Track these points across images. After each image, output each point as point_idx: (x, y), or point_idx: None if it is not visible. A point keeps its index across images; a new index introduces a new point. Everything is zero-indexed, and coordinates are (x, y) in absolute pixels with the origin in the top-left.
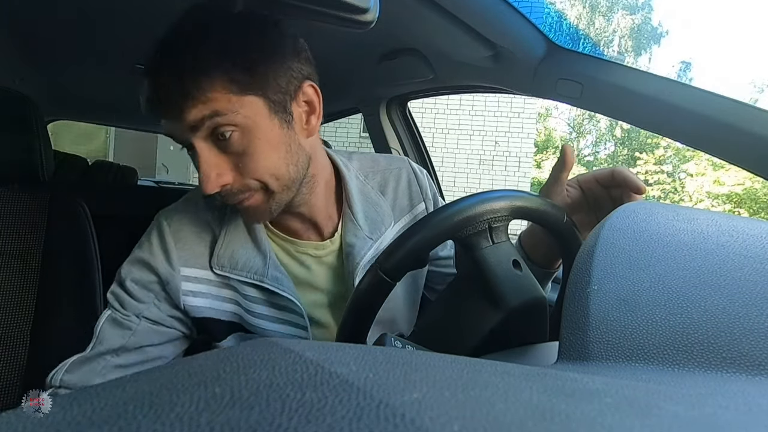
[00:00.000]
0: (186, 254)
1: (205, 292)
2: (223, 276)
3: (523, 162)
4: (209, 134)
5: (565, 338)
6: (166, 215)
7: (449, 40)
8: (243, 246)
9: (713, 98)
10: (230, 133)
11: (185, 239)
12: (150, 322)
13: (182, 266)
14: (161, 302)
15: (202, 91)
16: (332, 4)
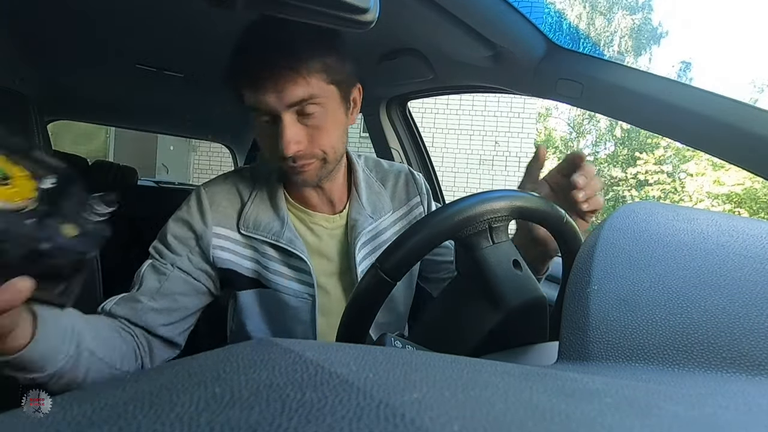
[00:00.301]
0: (218, 216)
1: (231, 249)
2: (247, 236)
3: (523, 162)
4: (297, 109)
5: (565, 338)
6: (205, 185)
7: (449, 40)
8: (265, 212)
9: (713, 98)
10: (314, 112)
11: (219, 203)
12: (182, 272)
13: (215, 225)
14: (194, 256)
15: (308, 73)
16: (332, 4)
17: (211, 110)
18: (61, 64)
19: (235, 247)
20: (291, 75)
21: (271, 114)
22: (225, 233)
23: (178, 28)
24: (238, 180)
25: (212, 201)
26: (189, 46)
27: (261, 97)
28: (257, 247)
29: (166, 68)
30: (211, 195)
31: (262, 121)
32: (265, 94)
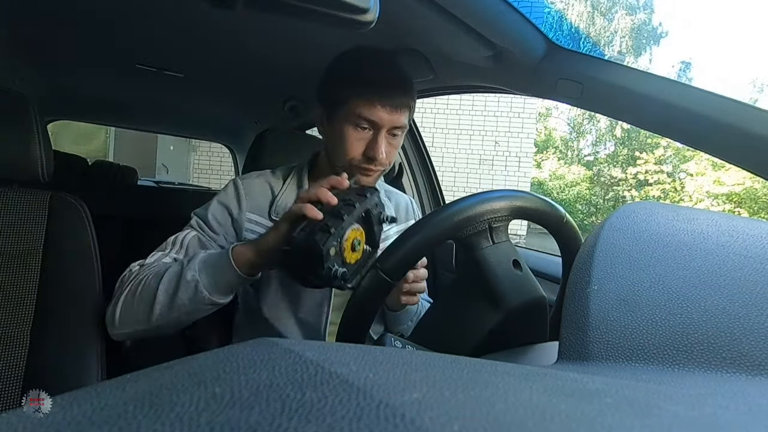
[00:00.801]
0: (252, 203)
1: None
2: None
3: (523, 162)
4: (392, 130)
5: (565, 338)
6: (241, 177)
7: (449, 40)
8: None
9: (713, 98)
10: (398, 136)
11: (253, 192)
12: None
13: (248, 211)
14: (229, 237)
15: (410, 109)
16: (332, 4)
17: (211, 110)
18: (61, 64)
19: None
20: (406, 105)
21: (374, 127)
22: (256, 219)
23: (178, 28)
24: (270, 177)
25: (247, 190)
26: (189, 46)
27: (376, 112)
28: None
29: (166, 68)
30: (246, 185)
31: (360, 128)
32: (381, 110)
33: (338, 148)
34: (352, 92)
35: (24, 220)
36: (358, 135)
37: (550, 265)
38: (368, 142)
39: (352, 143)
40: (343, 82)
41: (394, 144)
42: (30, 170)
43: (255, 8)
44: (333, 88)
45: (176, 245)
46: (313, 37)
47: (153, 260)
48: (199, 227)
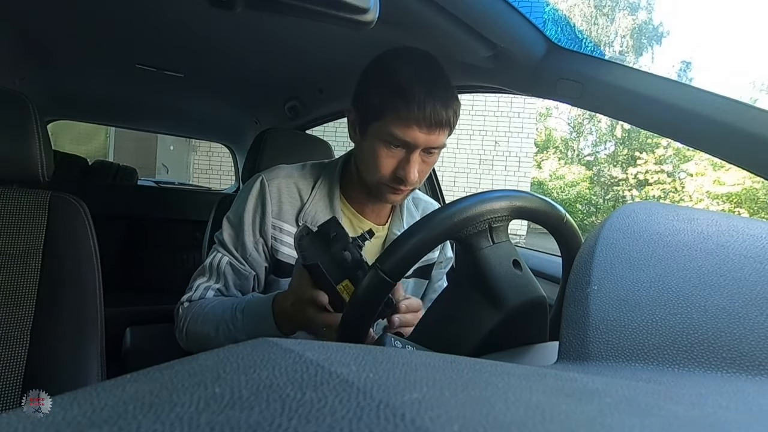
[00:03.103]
0: (278, 209)
1: (288, 241)
2: None
3: (523, 162)
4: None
5: (565, 338)
6: (268, 178)
7: (449, 40)
8: (323, 211)
9: (713, 98)
10: (434, 155)
11: (280, 199)
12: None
13: (274, 218)
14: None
15: (451, 126)
16: (332, 4)
17: (211, 110)
18: (61, 64)
19: (290, 240)
20: (444, 125)
21: (408, 147)
22: (281, 225)
23: (178, 28)
24: (299, 178)
25: (273, 194)
26: (189, 46)
27: (411, 132)
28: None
29: (166, 68)
30: (273, 188)
31: (393, 146)
32: (417, 131)
33: (368, 163)
34: (387, 107)
35: (24, 220)
36: (390, 153)
37: (550, 265)
38: (400, 161)
39: (382, 162)
40: (379, 94)
41: (429, 162)
42: (30, 170)
43: (255, 8)
44: (367, 96)
45: (213, 273)
46: (313, 38)
47: (198, 294)
48: (229, 252)
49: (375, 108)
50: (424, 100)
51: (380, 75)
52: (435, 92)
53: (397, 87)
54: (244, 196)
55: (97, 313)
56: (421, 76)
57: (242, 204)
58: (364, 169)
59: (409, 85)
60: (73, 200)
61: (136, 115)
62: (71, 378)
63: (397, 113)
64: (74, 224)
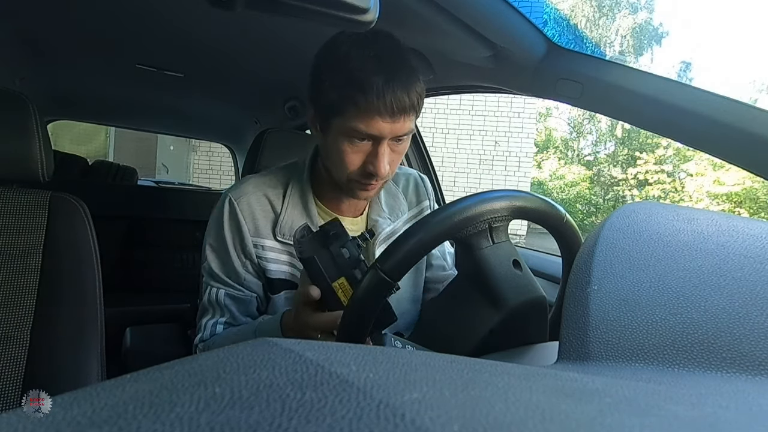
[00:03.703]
0: (253, 226)
1: (272, 258)
2: (284, 243)
3: (523, 162)
4: (395, 138)
5: (565, 338)
6: (235, 196)
7: (449, 40)
8: (299, 219)
9: (713, 98)
10: (403, 142)
11: (252, 215)
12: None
13: (253, 236)
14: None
15: (417, 109)
16: (332, 4)
17: (211, 110)
18: (62, 64)
19: (273, 255)
20: (408, 111)
21: (374, 139)
22: (262, 243)
23: (178, 28)
24: (268, 188)
25: (245, 213)
26: (189, 46)
27: (375, 124)
28: (293, 252)
29: (166, 68)
30: (243, 206)
31: (357, 140)
32: (380, 122)
33: (334, 160)
34: (345, 101)
35: (24, 220)
36: (356, 148)
37: (550, 265)
38: (368, 154)
39: (349, 158)
40: (335, 87)
41: (398, 150)
42: (30, 170)
43: (255, 8)
44: (323, 91)
45: (216, 308)
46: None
47: (208, 333)
48: (223, 283)
49: (333, 103)
50: (384, 89)
51: (333, 66)
52: (394, 78)
53: (352, 78)
54: (218, 222)
55: (97, 313)
56: (378, 62)
57: (219, 230)
58: (331, 167)
59: (366, 75)
60: (73, 200)
61: (136, 115)
62: (71, 378)
63: (357, 106)
64: (74, 224)
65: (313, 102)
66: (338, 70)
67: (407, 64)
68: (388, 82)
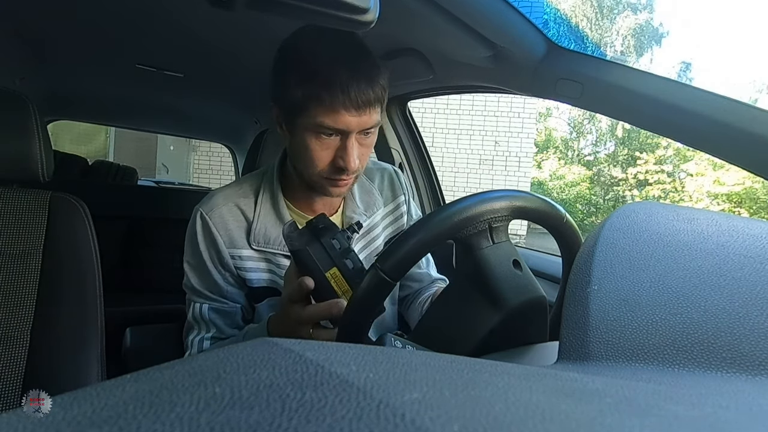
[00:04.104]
0: (227, 238)
1: (250, 267)
2: (260, 250)
3: (523, 162)
4: (362, 132)
5: (565, 338)
6: (206, 210)
7: (449, 40)
8: (273, 225)
9: (713, 98)
10: (371, 135)
11: (225, 226)
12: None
13: (228, 247)
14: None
15: (382, 101)
16: (332, 4)
17: (211, 110)
18: (62, 64)
19: (252, 264)
20: (374, 103)
21: (341, 133)
22: (239, 253)
23: (178, 28)
24: (238, 197)
25: (218, 225)
26: (189, 46)
27: (341, 119)
28: (271, 259)
29: (166, 68)
30: (215, 219)
31: (325, 136)
32: (346, 116)
33: (302, 159)
34: (309, 98)
35: (24, 220)
36: (324, 144)
37: (550, 265)
38: (336, 150)
39: (317, 155)
40: (297, 84)
41: (367, 143)
42: (30, 170)
43: (255, 8)
44: (286, 89)
45: (201, 324)
46: None
47: (195, 349)
48: (205, 297)
49: (297, 101)
50: (347, 83)
51: (295, 63)
52: (357, 71)
53: (314, 74)
54: (193, 238)
55: (97, 313)
56: (340, 57)
57: (194, 246)
58: (300, 167)
59: (328, 69)
60: (73, 200)
61: (136, 115)
62: (71, 378)
63: (321, 102)
64: (74, 224)
65: (277, 101)
66: (301, 68)
67: (369, 58)
68: (351, 76)
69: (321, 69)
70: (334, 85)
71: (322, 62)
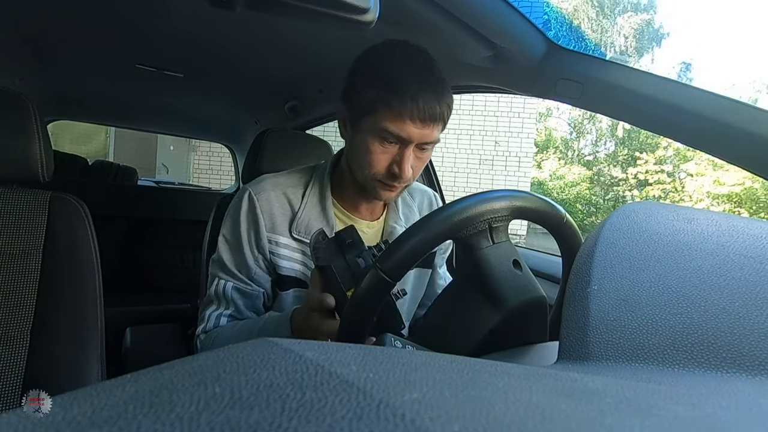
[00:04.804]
0: (270, 223)
1: (284, 255)
2: (299, 240)
3: (523, 162)
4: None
5: (565, 338)
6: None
7: (449, 40)
8: (316, 218)
9: (713, 98)
10: (428, 150)
11: (270, 211)
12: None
13: (269, 232)
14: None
15: (445, 120)
16: (332, 4)
17: (211, 110)
18: (62, 64)
19: (287, 252)
20: (438, 119)
21: (402, 142)
22: (277, 239)
23: (178, 28)
24: (287, 186)
25: (264, 208)
26: (189, 46)
27: (405, 127)
28: (306, 250)
29: (166, 68)
30: (262, 202)
31: (386, 142)
32: (411, 126)
33: (360, 159)
34: (380, 102)
35: (24, 220)
36: (384, 149)
37: (550, 265)
38: (393, 156)
39: (376, 158)
40: (370, 88)
41: (422, 158)
42: (30, 170)
43: (255, 8)
44: (359, 91)
45: (221, 300)
46: (313, 38)
47: (211, 324)
48: (232, 276)
49: (367, 103)
50: (417, 94)
51: (372, 69)
52: (428, 86)
53: (389, 81)
54: (236, 214)
55: (97, 313)
56: (413, 70)
57: (235, 223)
58: (356, 166)
59: (402, 79)
60: (73, 200)
61: (136, 115)
62: (71, 378)
63: (390, 107)
64: (74, 224)
65: (346, 100)
66: (376, 72)
67: (440, 76)
68: (422, 88)
69: (394, 76)
70: (405, 93)
71: (396, 70)
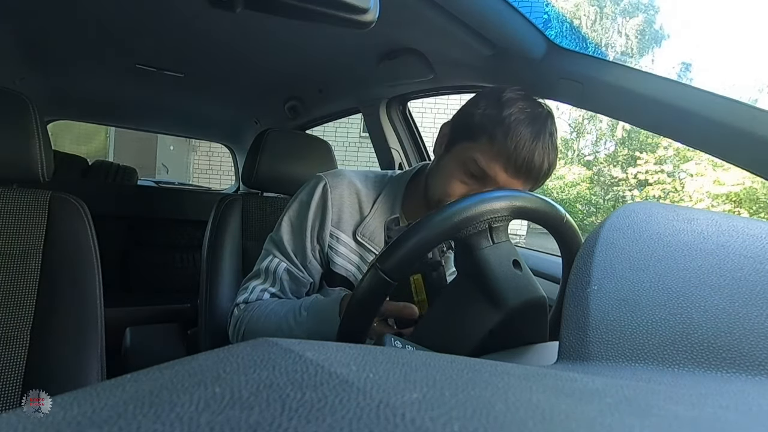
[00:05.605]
0: (337, 218)
1: (342, 253)
2: (360, 243)
3: None
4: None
5: (565, 338)
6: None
7: (449, 40)
8: (381, 227)
9: (713, 98)
10: None
11: (341, 207)
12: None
13: (333, 226)
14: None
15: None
16: (332, 4)
17: (211, 110)
18: (62, 64)
19: (345, 251)
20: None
21: (485, 180)
22: (338, 235)
23: (178, 28)
24: (362, 189)
25: (335, 202)
26: (189, 46)
27: (495, 166)
28: (363, 255)
29: (166, 68)
30: (336, 196)
31: (470, 174)
32: (501, 169)
33: (439, 180)
34: (485, 130)
35: (24, 220)
36: (464, 179)
37: (550, 265)
38: (470, 190)
39: (453, 184)
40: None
41: None
42: (30, 170)
43: (255, 8)
44: (471, 114)
45: (270, 277)
46: (313, 38)
47: (254, 296)
48: (287, 258)
49: (473, 127)
50: (523, 143)
51: (494, 101)
52: (538, 139)
53: (504, 117)
54: (306, 200)
55: (97, 313)
56: (531, 119)
57: (304, 208)
58: (433, 184)
59: (517, 121)
60: (73, 200)
61: (136, 115)
62: (71, 378)
63: (492, 141)
64: (74, 224)
65: (455, 121)
66: (496, 106)
67: (554, 137)
68: (532, 138)
69: (512, 116)
70: (515, 136)
71: (516, 112)
